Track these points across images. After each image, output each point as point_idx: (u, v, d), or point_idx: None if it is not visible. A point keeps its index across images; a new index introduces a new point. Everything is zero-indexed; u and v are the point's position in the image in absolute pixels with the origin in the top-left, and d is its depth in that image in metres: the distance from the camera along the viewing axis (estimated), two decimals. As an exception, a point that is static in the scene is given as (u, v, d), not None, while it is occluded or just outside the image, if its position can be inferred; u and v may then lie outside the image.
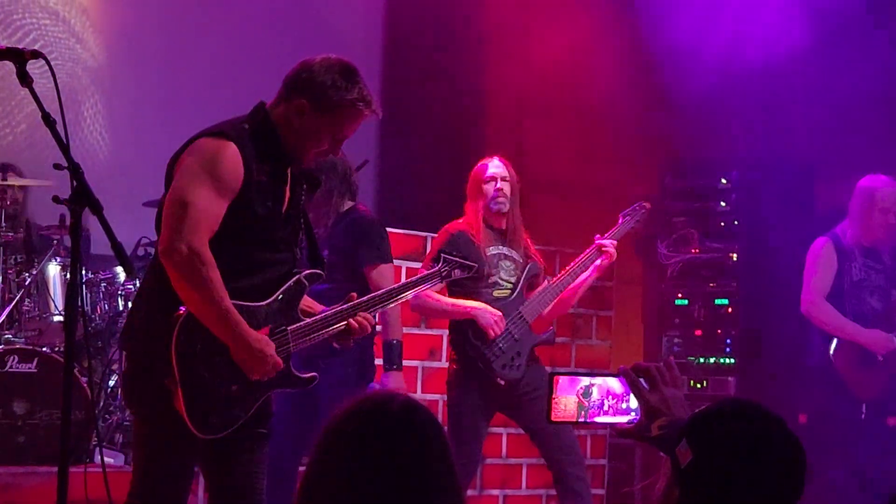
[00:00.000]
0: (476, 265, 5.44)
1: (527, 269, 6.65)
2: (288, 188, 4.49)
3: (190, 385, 4.25)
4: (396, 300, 4.96)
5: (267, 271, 4.44)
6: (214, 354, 4.30)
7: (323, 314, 4.60)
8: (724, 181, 8.79)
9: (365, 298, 4.70)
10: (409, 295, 5.09)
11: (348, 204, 6.41)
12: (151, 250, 6.53)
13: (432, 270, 5.18)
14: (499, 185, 6.57)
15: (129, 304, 6.95)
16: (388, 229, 7.97)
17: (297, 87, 4.45)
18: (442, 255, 5.28)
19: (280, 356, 4.39)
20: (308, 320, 4.55)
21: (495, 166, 6.63)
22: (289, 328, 4.48)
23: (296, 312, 4.52)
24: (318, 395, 5.61)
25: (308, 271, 4.55)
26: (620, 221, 6.86)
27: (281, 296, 4.46)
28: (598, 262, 6.64)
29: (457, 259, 5.28)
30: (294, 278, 4.50)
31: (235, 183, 4.29)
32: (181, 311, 4.25)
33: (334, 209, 6.36)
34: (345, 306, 4.63)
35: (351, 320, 4.61)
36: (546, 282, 6.71)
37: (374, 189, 9.91)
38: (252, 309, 4.36)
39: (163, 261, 4.21)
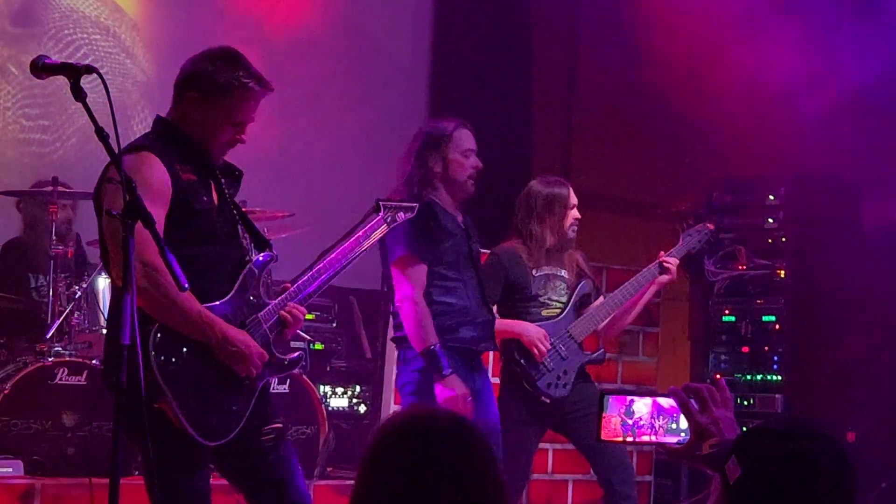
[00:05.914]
0: (417, 204, 5.29)
1: (578, 287, 6.61)
2: (213, 183, 4.52)
3: (183, 398, 4.25)
4: (356, 257, 4.84)
5: (219, 267, 4.46)
6: (197, 360, 4.30)
7: (285, 293, 4.62)
8: (771, 198, 8.74)
9: (325, 262, 4.71)
10: (363, 249, 4.91)
11: None
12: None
13: (377, 219, 5.04)
14: (577, 215, 6.55)
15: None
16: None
17: (185, 84, 4.48)
18: (380, 202, 5.10)
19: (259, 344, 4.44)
20: (274, 301, 4.58)
21: (572, 194, 6.59)
22: (259, 315, 4.51)
23: (259, 299, 4.54)
24: None
25: (259, 255, 4.58)
26: (682, 241, 6.76)
27: (238, 287, 4.48)
28: (659, 277, 6.60)
29: (396, 203, 5.13)
30: (246, 267, 4.52)
31: (165, 188, 4.31)
32: (149, 330, 4.22)
33: None
34: (305, 278, 4.65)
35: (282, 312, 4.58)
36: (600, 299, 6.68)
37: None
38: (216, 307, 4.37)
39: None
